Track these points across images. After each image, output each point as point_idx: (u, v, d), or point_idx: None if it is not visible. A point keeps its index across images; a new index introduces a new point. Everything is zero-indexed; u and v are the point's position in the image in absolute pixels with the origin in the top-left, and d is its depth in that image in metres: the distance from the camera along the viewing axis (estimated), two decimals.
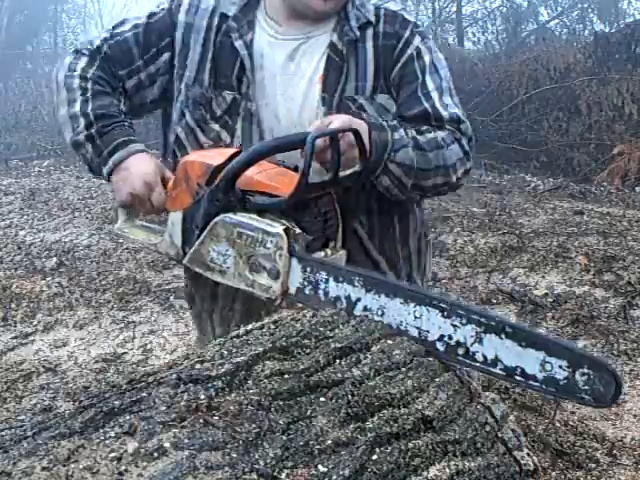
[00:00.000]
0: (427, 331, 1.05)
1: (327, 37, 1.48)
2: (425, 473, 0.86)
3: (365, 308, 1.10)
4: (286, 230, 1.20)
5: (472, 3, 11.37)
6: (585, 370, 0.94)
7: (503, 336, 0.99)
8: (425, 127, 1.46)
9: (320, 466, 0.80)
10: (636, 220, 4.91)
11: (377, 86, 1.47)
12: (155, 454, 0.74)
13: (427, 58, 1.50)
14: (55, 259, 4.08)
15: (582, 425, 2.21)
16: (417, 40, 1.49)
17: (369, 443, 0.84)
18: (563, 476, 1.90)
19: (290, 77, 1.48)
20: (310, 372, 0.92)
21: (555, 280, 3.72)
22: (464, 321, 1.02)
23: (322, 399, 0.89)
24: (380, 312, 1.09)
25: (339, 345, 0.98)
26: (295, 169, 1.29)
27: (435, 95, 1.48)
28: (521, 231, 4.59)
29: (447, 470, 0.87)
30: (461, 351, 1.02)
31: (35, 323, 3.22)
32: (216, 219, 1.27)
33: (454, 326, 1.03)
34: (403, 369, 0.98)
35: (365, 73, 1.46)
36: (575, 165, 7.46)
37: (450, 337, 1.03)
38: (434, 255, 4.30)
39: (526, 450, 0.98)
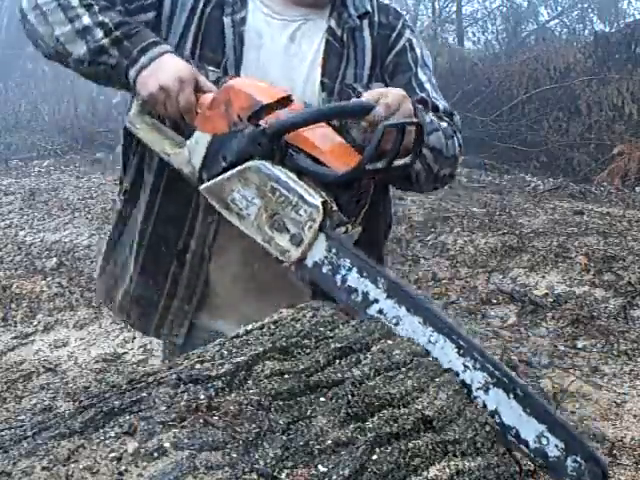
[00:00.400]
0: (435, 358, 1.01)
1: (324, 22, 1.48)
2: (425, 473, 0.86)
3: (380, 311, 1.06)
4: (324, 204, 1.13)
5: (472, 3, 11.39)
6: (578, 459, 0.91)
7: (511, 396, 0.95)
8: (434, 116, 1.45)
9: (320, 466, 0.80)
10: (636, 220, 4.91)
11: (372, 74, 1.48)
12: (155, 454, 0.74)
13: (418, 51, 1.53)
14: (55, 259, 4.08)
15: (582, 425, 2.21)
16: (408, 32, 1.53)
17: (369, 443, 0.84)
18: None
19: (291, 59, 1.46)
20: (310, 372, 0.92)
21: (555, 280, 3.72)
22: (477, 366, 0.97)
23: (322, 399, 0.89)
24: (394, 321, 1.05)
25: (339, 345, 0.98)
26: (338, 131, 1.24)
27: (428, 87, 1.50)
28: (521, 231, 4.59)
29: (447, 470, 0.87)
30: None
31: (35, 323, 3.23)
32: (250, 163, 1.18)
33: (465, 366, 0.98)
34: (403, 369, 0.98)
35: (363, 61, 1.47)
36: (575, 165, 7.47)
37: (457, 374, 0.99)
38: (434, 255, 4.30)
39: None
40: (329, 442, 0.83)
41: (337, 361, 0.96)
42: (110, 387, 0.87)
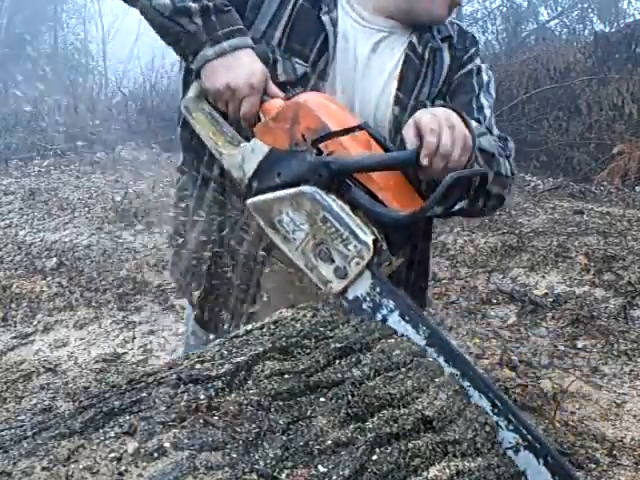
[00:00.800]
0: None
1: (406, 37, 1.47)
2: (425, 473, 0.86)
3: None
4: (374, 242, 1.11)
5: (472, 3, 11.38)
6: None
7: (541, 461, 0.95)
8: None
9: (320, 466, 0.80)
10: (636, 220, 4.91)
11: (439, 92, 1.48)
12: (155, 454, 0.74)
13: (485, 78, 1.53)
14: (55, 259, 4.08)
15: (582, 425, 2.21)
16: (479, 60, 1.55)
17: (369, 443, 0.84)
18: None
19: (370, 69, 1.44)
20: (310, 372, 0.92)
21: (555, 280, 3.72)
22: (511, 427, 0.97)
23: (322, 399, 0.89)
24: None
25: (339, 345, 0.98)
26: (384, 147, 1.20)
27: (487, 112, 1.50)
28: (521, 231, 4.59)
29: (447, 470, 0.87)
30: None
31: (35, 323, 3.23)
32: (306, 189, 1.14)
33: (498, 424, 0.98)
34: (403, 369, 0.98)
35: (438, 80, 1.47)
36: (575, 165, 7.47)
37: None
38: (434, 255, 4.30)
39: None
40: (329, 442, 0.83)
41: (337, 361, 0.96)
42: (110, 387, 0.87)
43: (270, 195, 1.19)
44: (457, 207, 1.21)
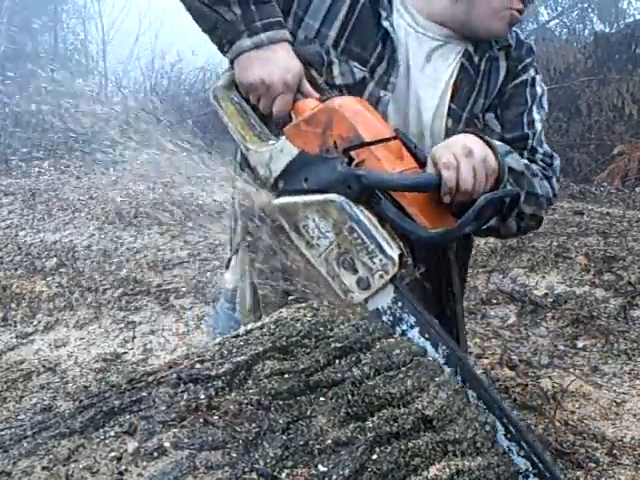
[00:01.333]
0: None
1: (462, 45, 1.40)
2: (425, 473, 0.86)
3: None
4: (400, 257, 1.09)
5: None
6: None
7: None
8: (518, 153, 1.38)
9: (320, 466, 0.80)
10: (636, 220, 4.91)
11: (492, 103, 1.42)
12: (155, 454, 0.74)
13: (539, 90, 1.47)
14: (55, 259, 4.08)
15: (582, 425, 2.21)
16: (533, 71, 1.48)
17: (369, 443, 0.84)
18: (563, 476, 1.90)
19: (424, 78, 1.38)
20: (310, 372, 0.92)
21: (555, 280, 3.72)
22: (522, 453, 0.98)
23: (322, 399, 0.89)
24: None
25: (339, 345, 0.98)
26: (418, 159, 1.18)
27: (538, 127, 1.45)
28: None
29: (447, 470, 0.87)
30: None
31: (35, 323, 3.23)
32: (334, 197, 1.12)
33: (510, 450, 0.98)
34: (403, 369, 0.98)
35: (493, 92, 1.42)
36: (575, 165, 7.46)
37: None
38: None
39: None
40: (329, 441, 0.83)
41: (337, 361, 0.96)
42: (110, 387, 0.87)
43: (297, 199, 1.17)
44: (486, 225, 1.19)
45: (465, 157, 1.13)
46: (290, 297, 1.29)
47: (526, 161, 1.37)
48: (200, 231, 4.55)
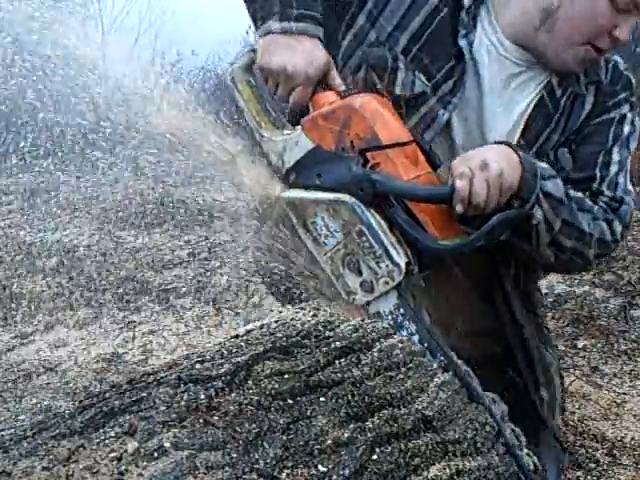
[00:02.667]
0: None
1: (545, 75, 1.31)
2: (425, 473, 0.86)
3: None
4: (407, 265, 1.09)
5: None
6: None
7: None
8: (580, 193, 1.30)
9: (320, 466, 0.80)
10: (636, 220, 4.91)
11: (566, 140, 1.33)
12: (155, 454, 0.74)
13: (626, 129, 1.36)
14: (55, 259, 4.08)
15: (582, 425, 2.21)
16: (626, 108, 1.37)
17: (369, 443, 0.84)
18: (563, 476, 1.90)
19: (498, 104, 1.30)
20: (310, 372, 0.92)
21: (555, 280, 3.71)
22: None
23: (322, 399, 0.89)
24: None
25: (339, 345, 0.98)
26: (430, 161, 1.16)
27: (613, 169, 1.34)
28: None
29: (447, 470, 0.87)
30: None
31: (35, 323, 3.23)
32: (346, 198, 1.11)
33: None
34: (403, 369, 0.98)
35: (571, 128, 1.32)
36: None
37: None
38: None
39: (526, 450, 0.99)
40: (329, 442, 0.83)
41: (337, 361, 0.96)
42: (110, 387, 0.87)
43: (307, 194, 1.16)
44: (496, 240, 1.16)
45: (480, 170, 1.11)
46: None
47: (573, 192, 1.28)
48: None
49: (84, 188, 5.97)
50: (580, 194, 1.28)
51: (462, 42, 1.28)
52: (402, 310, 1.10)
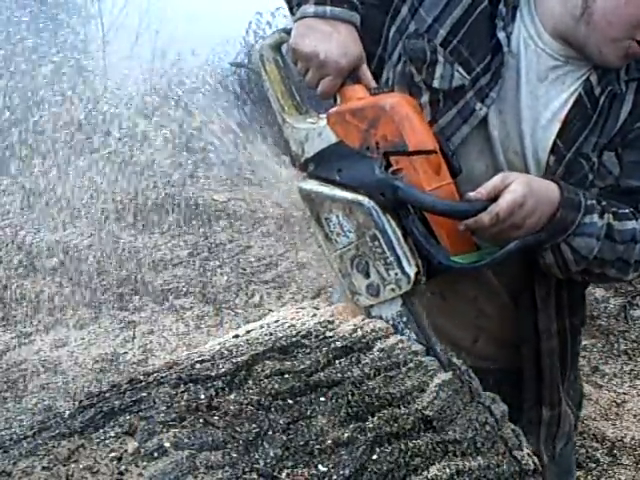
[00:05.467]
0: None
1: (583, 72, 1.24)
2: (425, 473, 0.86)
3: None
4: (416, 275, 1.08)
5: None
6: None
7: None
8: (629, 210, 1.21)
9: (320, 466, 0.80)
10: None
11: (612, 141, 1.24)
12: (155, 454, 0.74)
13: None
14: (55, 259, 4.09)
15: (582, 425, 2.21)
16: None
17: (369, 443, 0.84)
18: None
19: (533, 100, 1.24)
20: (310, 372, 0.92)
21: None
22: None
23: (322, 399, 0.89)
24: None
25: (339, 345, 0.99)
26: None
27: None
28: None
29: (447, 470, 0.87)
30: None
31: (35, 323, 3.23)
32: (364, 201, 1.08)
33: None
34: (403, 369, 0.98)
35: (611, 131, 1.23)
36: None
37: None
38: None
39: (526, 450, 0.98)
40: (329, 442, 0.83)
41: (337, 361, 0.96)
42: (110, 387, 0.87)
43: (325, 189, 1.14)
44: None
45: (510, 214, 1.07)
46: None
47: (616, 221, 1.19)
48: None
49: (84, 188, 5.97)
50: (631, 223, 1.20)
51: (500, 34, 1.23)
52: (404, 318, 1.10)
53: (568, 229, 1.14)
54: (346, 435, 0.84)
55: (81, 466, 0.72)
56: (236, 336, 1.02)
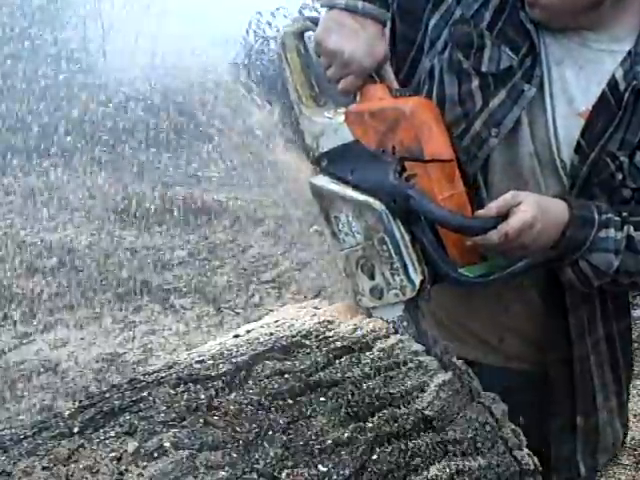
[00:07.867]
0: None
1: (611, 65, 1.18)
2: (425, 473, 0.86)
3: None
4: (421, 283, 1.07)
5: None
6: None
7: None
8: None
9: (320, 466, 0.80)
10: None
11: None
12: (155, 454, 0.74)
13: None
14: (55, 259, 4.09)
15: None
16: None
17: (369, 443, 0.84)
18: None
19: (559, 90, 1.20)
20: (310, 372, 0.92)
21: None
22: None
23: (322, 399, 0.89)
24: None
25: (339, 345, 0.99)
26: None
27: None
28: None
29: (447, 470, 0.87)
30: None
31: (35, 323, 3.23)
32: (376, 204, 1.08)
33: None
34: (403, 369, 0.98)
35: (637, 127, 1.17)
36: None
37: None
38: None
39: (526, 450, 0.98)
40: (329, 442, 0.83)
41: (337, 361, 0.96)
42: (110, 387, 0.87)
43: (337, 188, 1.13)
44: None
45: (518, 234, 1.07)
46: None
47: (633, 232, 1.15)
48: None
49: (84, 188, 5.97)
50: None
51: (522, 14, 1.19)
52: (405, 322, 1.10)
53: (581, 247, 1.12)
54: (346, 435, 0.84)
55: (81, 466, 0.72)
56: (236, 336, 1.02)
